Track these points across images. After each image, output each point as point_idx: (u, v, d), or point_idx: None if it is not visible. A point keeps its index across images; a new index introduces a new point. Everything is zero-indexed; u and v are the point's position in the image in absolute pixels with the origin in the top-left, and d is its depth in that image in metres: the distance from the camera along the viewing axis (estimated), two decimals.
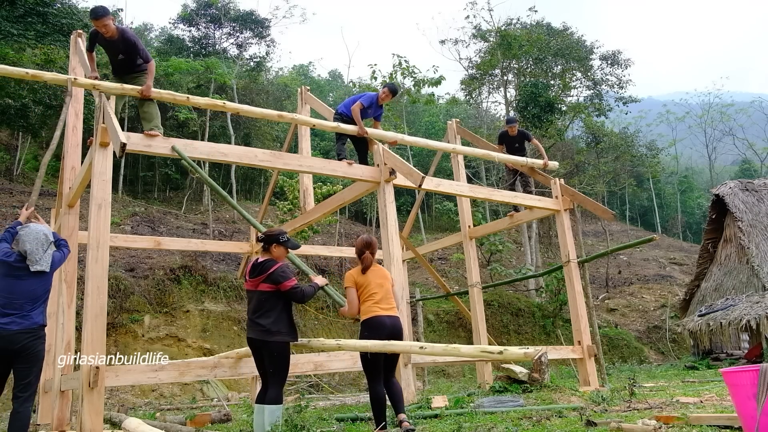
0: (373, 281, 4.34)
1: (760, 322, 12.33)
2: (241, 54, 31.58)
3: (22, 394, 3.84)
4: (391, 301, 4.38)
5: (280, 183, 15.93)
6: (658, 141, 43.68)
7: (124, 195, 24.53)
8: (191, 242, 11.31)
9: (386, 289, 4.37)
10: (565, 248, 8.47)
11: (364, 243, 4.47)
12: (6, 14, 17.83)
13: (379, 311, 4.25)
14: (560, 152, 26.30)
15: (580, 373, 7.89)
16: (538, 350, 3.00)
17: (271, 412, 3.96)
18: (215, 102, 6.73)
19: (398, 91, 7.96)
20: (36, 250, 4.04)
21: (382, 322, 4.21)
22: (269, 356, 4.09)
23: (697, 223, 44.77)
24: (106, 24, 5.98)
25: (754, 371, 3.10)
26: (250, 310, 4.20)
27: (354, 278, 4.39)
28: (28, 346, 3.87)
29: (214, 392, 11.79)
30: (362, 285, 4.34)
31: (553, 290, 19.19)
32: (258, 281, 4.16)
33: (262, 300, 4.14)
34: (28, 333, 3.88)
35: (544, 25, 28.79)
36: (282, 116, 7.27)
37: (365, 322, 4.26)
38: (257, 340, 4.12)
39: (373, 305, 4.26)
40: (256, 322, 4.11)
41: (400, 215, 8.28)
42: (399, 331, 4.31)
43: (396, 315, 4.34)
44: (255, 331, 4.12)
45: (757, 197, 16.27)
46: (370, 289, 4.30)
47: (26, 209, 4.77)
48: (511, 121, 9.54)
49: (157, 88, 6.35)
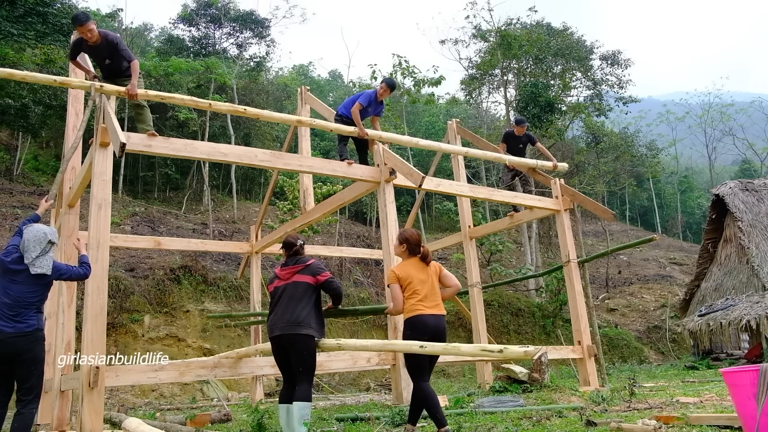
0: (416, 277, 4.09)
1: (760, 322, 12.32)
2: (241, 54, 31.58)
3: (24, 398, 3.83)
4: (437, 298, 4.11)
5: (280, 183, 15.93)
6: (658, 141, 43.72)
7: (124, 195, 24.52)
8: (191, 242, 11.29)
9: (431, 284, 4.12)
10: (565, 248, 8.47)
11: (420, 236, 4.29)
12: (6, 14, 17.82)
13: (423, 309, 4.00)
14: (560, 152, 26.29)
15: (580, 373, 7.89)
16: (538, 349, 3.00)
17: (300, 408, 3.87)
18: (236, 107, 6.68)
19: (395, 85, 7.94)
20: (31, 248, 3.95)
21: (426, 321, 3.97)
22: (297, 354, 3.99)
23: (697, 223, 44.77)
24: (90, 29, 5.89)
25: (754, 371, 3.10)
26: (280, 306, 4.08)
27: (396, 275, 4.14)
28: (25, 350, 3.82)
29: (214, 392, 11.79)
30: (405, 281, 4.09)
31: (553, 290, 19.20)
32: (293, 271, 4.12)
33: (296, 292, 4.07)
34: (23, 336, 3.82)
35: (544, 25, 28.79)
36: (301, 122, 7.29)
37: (408, 321, 4.05)
38: (285, 335, 4.00)
39: (416, 303, 4.02)
40: (281, 317, 4.02)
41: (400, 215, 8.28)
42: (442, 331, 4.04)
43: (441, 314, 4.08)
44: (282, 327, 4.01)
45: (757, 197, 16.26)
46: (413, 286, 4.06)
47: (45, 201, 4.77)
48: (520, 121, 9.47)
49: (157, 89, 6.35)
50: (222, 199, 28.05)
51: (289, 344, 4.03)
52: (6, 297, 3.85)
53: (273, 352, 4.21)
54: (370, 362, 5.97)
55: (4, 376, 3.88)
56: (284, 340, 4.03)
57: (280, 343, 4.08)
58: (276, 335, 4.07)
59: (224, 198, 28.36)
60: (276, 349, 4.15)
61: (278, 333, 4.04)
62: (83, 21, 5.89)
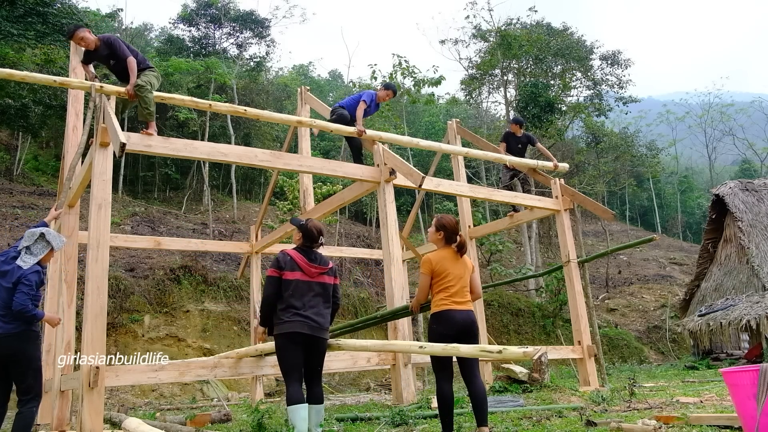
0: (452, 272, 3.93)
1: (760, 322, 12.33)
2: (241, 54, 31.59)
3: (23, 397, 3.84)
4: (467, 294, 3.98)
5: (280, 183, 15.93)
6: (658, 141, 43.72)
7: (124, 195, 24.53)
8: (191, 242, 11.28)
9: (464, 280, 3.98)
10: (565, 248, 8.46)
11: (455, 222, 4.07)
12: (6, 14, 17.81)
13: (451, 305, 3.88)
14: (560, 152, 26.30)
15: (580, 373, 7.89)
16: (537, 350, 2.99)
17: (318, 411, 3.85)
18: (236, 108, 6.68)
19: (396, 90, 8.04)
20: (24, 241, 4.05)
21: (452, 316, 3.86)
22: (318, 354, 3.97)
23: (697, 223, 44.77)
24: (81, 38, 5.92)
25: (754, 371, 3.09)
26: (309, 305, 3.93)
27: (432, 266, 3.95)
28: (17, 350, 3.83)
29: (214, 392, 11.79)
30: (439, 274, 3.93)
31: (553, 290, 19.20)
32: (321, 270, 4.02)
33: (324, 294, 4.01)
34: (14, 336, 3.83)
35: (544, 25, 28.80)
36: (301, 122, 7.29)
37: (435, 314, 3.93)
38: (313, 337, 3.91)
39: (446, 298, 3.90)
40: (310, 317, 3.91)
41: (400, 215, 8.28)
42: (470, 325, 3.89)
43: (469, 309, 3.96)
44: (312, 327, 3.91)
45: (757, 197, 16.27)
46: (448, 281, 3.92)
47: (55, 209, 4.83)
48: (517, 120, 9.51)
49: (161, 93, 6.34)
50: (222, 199, 28.06)
51: (311, 345, 3.95)
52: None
53: (285, 346, 3.94)
54: (370, 362, 5.96)
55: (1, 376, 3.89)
56: (308, 340, 3.93)
57: (298, 341, 3.92)
58: (304, 333, 3.89)
59: (224, 198, 28.37)
60: (293, 344, 3.92)
61: (308, 332, 3.90)
62: (71, 33, 5.99)
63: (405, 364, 5.94)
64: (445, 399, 3.81)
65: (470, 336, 3.89)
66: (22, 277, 3.96)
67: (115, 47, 5.96)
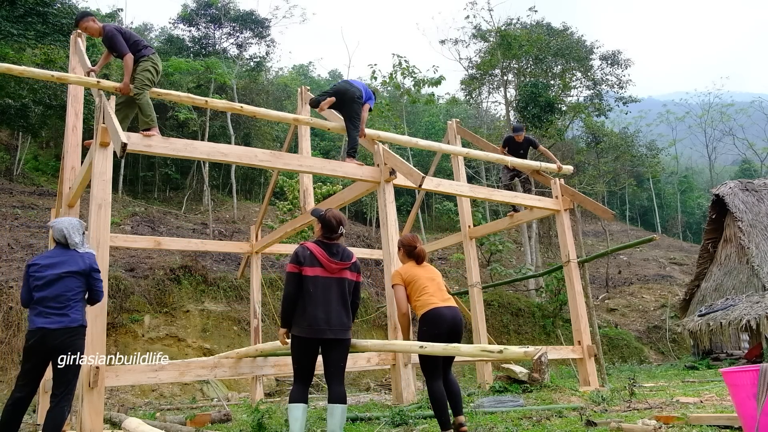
0: (423, 275, 4.08)
1: (760, 322, 12.32)
2: (241, 54, 31.60)
3: (58, 391, 3.76)
4: (446, 293, 4.09)
5: (280, 183, 15.93)
6: (658, 141, 43.76)
7: (124, 195, 24.54)
8: (191, 242, 11.28)
9: (438, 282, 4.10)
10: (565, 248, 8.46)
11: (414, 238, 4.25)
12: (6, 14, 17.82)
13: (437, 302, 3.93)
14: (560, 152, 26.30)
15: (580, 373, 7.89)
16: (537, 349, 2.99)
17: (343, 411, 3.66)
18: (233, 105, 6.68)
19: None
20: (73, 234, 3.92)
21: (442, 314, 3.89)
22: (338, 354, 3.73)
23: (697, 223, 44.78)
24: (85, 26, 5.97)
25: (754, 371, 3.10)
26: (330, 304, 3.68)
27: (401, 276, 4.08)
28: (70, 345, 3.74)
29: (214, 392, 11.79)
30: (412, 281, 4.05)
31: (553, 290, 19.20)
32: (343, 266, 3.79)
33: (345, 291, 3.77)
34: (70, 330, 3.76)
35: (544, 25, 28.80)
36: (298, 120, 7.29)
37: (423, 316, 3.93)
38: (337, 340, 3.69)
39: (429, 297, 3.96)
40: (339, 319, 3.69)
41: (400, 215, 8.27)
42: (459, 322, 3.98)
43: (455, 306, 4.01)
44: (335, 330, 3.67)
45: (757, 197, 16.26)
46: (422, 283, 4.00)
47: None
48: (517, 129, 9.40)
49: (157, 88, 6.33)
50: (222, 199, 28.07)
51: (331, 346, 3.72)
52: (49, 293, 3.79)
53: (300, 348, 3.70)
54: (370, 362, 5.96)
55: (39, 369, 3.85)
56: (327, 343, 3.71)
57: (317, 345, 3.71)
58: (328, 338, 3.66)
59: (224, 198, 28.37)
60: (308, 347, 3.69)
61: (331, 337, 3.66)
62: (78, 20, 6.03)
63: (405, 364, 5.94)
64: (439, 398, 3.89)
65: (458, 335, 4.00)
66: (94, 264, 3.94)
67: (113, 42, 5.81)
